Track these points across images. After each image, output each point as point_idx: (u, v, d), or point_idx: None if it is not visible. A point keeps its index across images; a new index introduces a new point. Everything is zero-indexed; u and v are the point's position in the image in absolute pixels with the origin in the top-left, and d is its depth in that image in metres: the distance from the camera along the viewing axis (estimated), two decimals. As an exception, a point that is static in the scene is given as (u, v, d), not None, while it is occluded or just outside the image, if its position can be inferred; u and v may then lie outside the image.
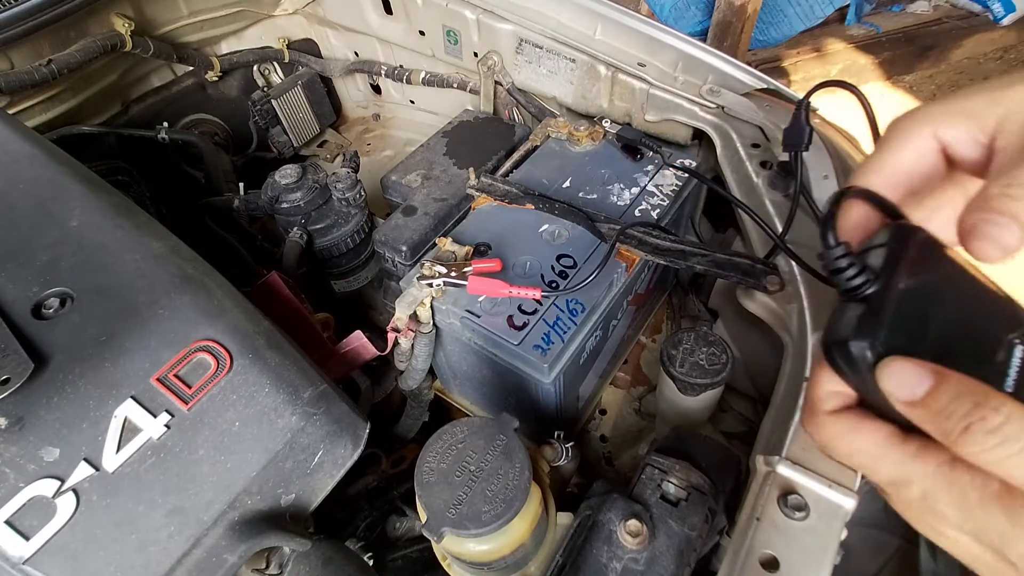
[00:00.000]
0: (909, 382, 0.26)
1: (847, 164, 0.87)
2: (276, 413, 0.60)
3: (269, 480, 0.58)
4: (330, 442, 0.63)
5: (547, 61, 1.19)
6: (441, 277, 0.81)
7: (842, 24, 2.94)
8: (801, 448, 0.61)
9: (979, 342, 0.28)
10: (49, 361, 0.57)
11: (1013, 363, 0.27)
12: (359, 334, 0.85)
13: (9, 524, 0.50)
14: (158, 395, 0.57)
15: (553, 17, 1.17)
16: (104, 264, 0.64)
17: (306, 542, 0.59)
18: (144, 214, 0.74)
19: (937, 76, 2.84)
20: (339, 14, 1.55)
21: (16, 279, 0.62)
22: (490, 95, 1.33)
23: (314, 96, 1.65)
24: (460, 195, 1.06)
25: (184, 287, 0.64)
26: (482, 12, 1.24)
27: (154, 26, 1.35)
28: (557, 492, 0.72)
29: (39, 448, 0.53)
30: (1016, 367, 0.27)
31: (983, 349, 0.27)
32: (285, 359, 0.63)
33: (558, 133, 1.09)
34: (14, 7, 1.09)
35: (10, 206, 0.69)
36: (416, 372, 0.91)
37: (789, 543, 0.55)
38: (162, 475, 0.55)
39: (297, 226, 1.06)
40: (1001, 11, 2.83)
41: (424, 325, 0.86)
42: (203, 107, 1.56)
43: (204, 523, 0.54)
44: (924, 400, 0.26)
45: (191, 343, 0.60)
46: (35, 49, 1.15)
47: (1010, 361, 0.27)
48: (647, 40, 1.07)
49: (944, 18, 2.94)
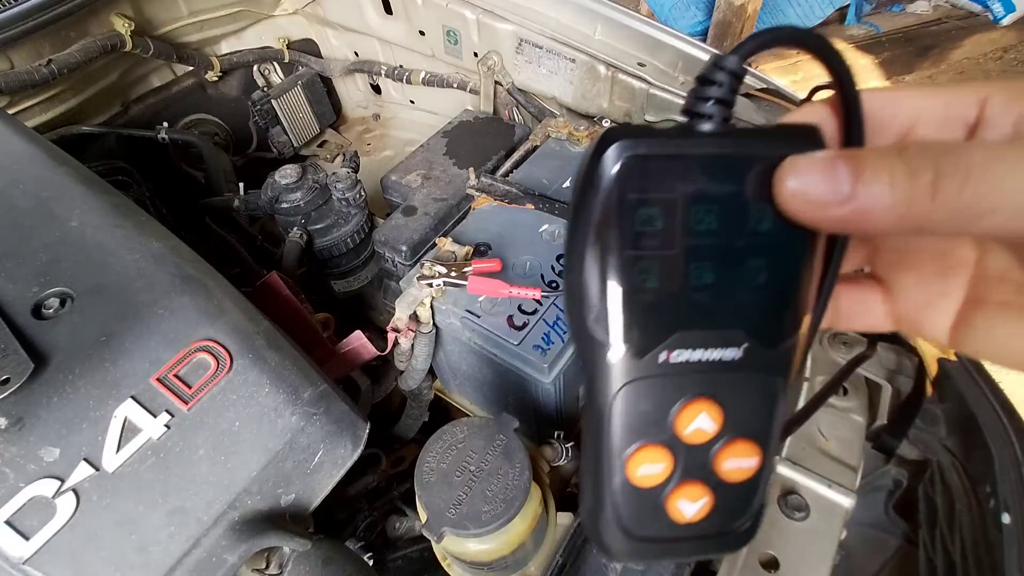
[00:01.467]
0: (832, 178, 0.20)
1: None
2: (276, 413, 0.60)
3: (269, 480, 0.58)
4: (330, 442, 0.63)
5: (547, 61, 1.19)
6: (441, 277, 0.81)
7: (842, 24, 2.94)
8: (801, 448, 0.61)
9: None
10: (49, 361, 0.57)
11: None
12: (359, 334, 0.85)
13: (9, 524, 0.50)
14: (158, 395, 0.57)
15: (553, 17, 1.17)
16: (104, 264, 0.64)
17: (306, 542, 0.59)
18: (144, 214, 0.74)
19: (937, 76, 2.84)
20: (339, 14, 1.55)
21: (16, 279, 0.62)
22: (490, 95, 1.33)
23: (314, 96, 1.65)
24: (460, 195, 1.06)
25: (184, 287, 0.64)
26: (482, 12, 1.24)
27: (154, 26, 1.35)
28: (557, 492, 0.72)
29: (39, 448, 0.53)
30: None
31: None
32: (285, 359, 0.63)
33: (558, 133, 1.09)
34: (14, 7, 1.09)
35: (10, 206, 0.69)
36: (416, 372, 0.91)
37: (789, 543, 0.55)
38: (162, 475, 0.55)
39: (297, 226, 1.06)
40: (1001, 11, 2.83)
41: (424, 325, 0.86)
42: (203, 107, 1.56)
43: (204, 523, 0.54)
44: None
45: (191, 343, 0.60)
46: (35, 49, 1.15)
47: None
48: (647, 40, 1.07)
49: (944, 18, 2.94)
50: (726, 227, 0.22)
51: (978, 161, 0.18)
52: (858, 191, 0.19)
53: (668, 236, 0.22)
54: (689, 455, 0.23)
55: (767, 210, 0.22)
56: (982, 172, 0.18)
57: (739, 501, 0.24)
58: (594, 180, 0.22)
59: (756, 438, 0.24)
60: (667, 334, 0.23)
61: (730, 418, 0.23)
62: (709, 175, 0.22)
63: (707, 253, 0.22)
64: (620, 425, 0.23)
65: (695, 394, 0.23)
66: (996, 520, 0.58)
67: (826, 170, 0.20)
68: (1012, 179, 0.17)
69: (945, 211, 0.18)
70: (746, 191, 0.22)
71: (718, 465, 0.24)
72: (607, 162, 0.21)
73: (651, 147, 0.21)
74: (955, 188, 0.18)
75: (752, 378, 0.23)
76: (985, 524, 0.60)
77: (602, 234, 0.22)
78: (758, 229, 0.22)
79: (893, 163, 0.19)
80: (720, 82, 0.22)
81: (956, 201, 0.18)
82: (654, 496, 0.24)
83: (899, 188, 0.19)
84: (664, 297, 0.22)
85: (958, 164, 0.18)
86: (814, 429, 0.69)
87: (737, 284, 0.22)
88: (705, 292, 0.22)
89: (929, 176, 0.18)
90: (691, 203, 0.22)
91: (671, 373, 0.23)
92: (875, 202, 0.19)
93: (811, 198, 0.20)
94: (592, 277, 0.22)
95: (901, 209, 0.19)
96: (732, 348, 0.23)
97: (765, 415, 0.24)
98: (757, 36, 0.22)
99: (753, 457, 0.24)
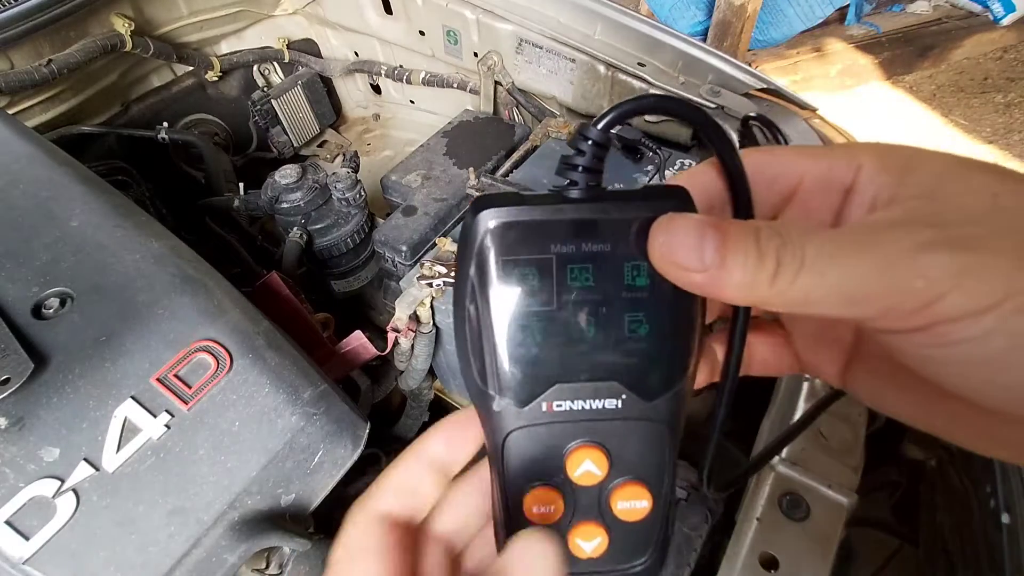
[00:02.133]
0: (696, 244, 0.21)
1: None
2: (276, 413, 0.60)
3: (269, 480, 0.58)
4: (330, 442, 0.63)
5: (547, 61, 1.19)
6: (441, 277, 0.81)
7: (842, 24, 2.94)
8: (801, 448, 0.61)
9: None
10: (49, 361, 0.57)
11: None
12: (359, 334, 0.85)
13: (9, 524, 0.50)
14: (158, 395, 0.57)
15: (553, 17, 1.17)
16: (104, 264, 0.64)
17: (306, 542, 0.59)
18: (144, 214, 0.74)
19: (937, 76, 2.84)
20: (339, 14, 1.55)
21: (16, 279, 0.62)
22: (490, 95, 1.33)
23: (314, 96, 1.65)
24: (460, 195, 1.06)
25: (184, 287, 0.64)
26: (482, 12, 1.24)
27: (154, 26, 1.35)
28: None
29: (39, 448, 0.53)
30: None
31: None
32: (285, 359, 0.63)
33: (558, 133, 1.09)
34: (14, 7, 1.09)
35: (10, 206, 0.69)
36: (416, 372, 0.91)
37: (789, 543, 0.55)
38: (162, 475, 0.55)
39: (297, 226, 1.06)
40: (1001, 11, 2.83)
41: (424, 325, 0.86)
42: (203, 107, 1.56)
43: (204, 523, 0.54)
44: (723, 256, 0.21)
45: (191, 343, 0.60)
46: (35, 49, 1.15)
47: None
48: (647, 40, 1.07)
49: (944, 18, 2.94)
50: (601, 284, 0.23)
51: (810, 255, 0.20)
52: (716, 264, 0.21)
53: (546, 294, 0.23)
54: (581, 496, 0.25)
55: (642, 267, 0.23)
56: (811, 266, 0.20)
57: (635, 541, 0.25)
58: (468, 244, 0.23)
59: (645, 481, 0.25)
60: (545, 386, 0.24)
61: (616, 462, 0.24)
62: (578, 236, 0.23)
63: (581, 309, 0.23)
64: (513, 468, 0.25)
65: (580, 441, 0.24)
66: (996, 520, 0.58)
67: (695, 236, 0.21)
68: (832, 274, 0.19)
69: (781, 298, 0.20)
70: (618, 250, 0.23)
71: (612, 505, 0.25)
72: (477, 229, 0.23)
73: (519, 214, 0.23)
74: (788, 279, 0.20)
75: (634, 426, 0.24)
76: (985, 524, 0.60)
77: (480, 293, 0.23)
78: (634, 284, 0.23)
79: (748, 245, 0.20)
80: (584, 151, 0.24)
81: (789, 291, 0.20)
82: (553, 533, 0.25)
83: (748, 271, 0.20)
84: (543, 350, 0.23)
85: (794, 256, 0.20)
86: (814, 430, 0.69)
87: (612, 338, 0.23)
88: (581, 345, 0.23)
89: (771, 265, 0.20)
90: (564, 263, 0.23)
91: (556, 421, 0.24)
92: (728, 278, 0.20)
93: (676, 259, 0.21)
94: (473, 333, 0.24)
95: (747, 290, 0.20)
96: (611, 399, 0.24)
97: (652, 460, 0.25)
98: (619, 106, 0.24)
99: (643, 500, 0.25)
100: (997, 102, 2.66)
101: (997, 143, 2.47)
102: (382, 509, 0.25)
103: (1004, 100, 2.66)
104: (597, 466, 0.24)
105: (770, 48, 2.85)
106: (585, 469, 0.24)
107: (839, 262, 0.19)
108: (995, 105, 2.64)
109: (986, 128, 2.54)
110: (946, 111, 2.65)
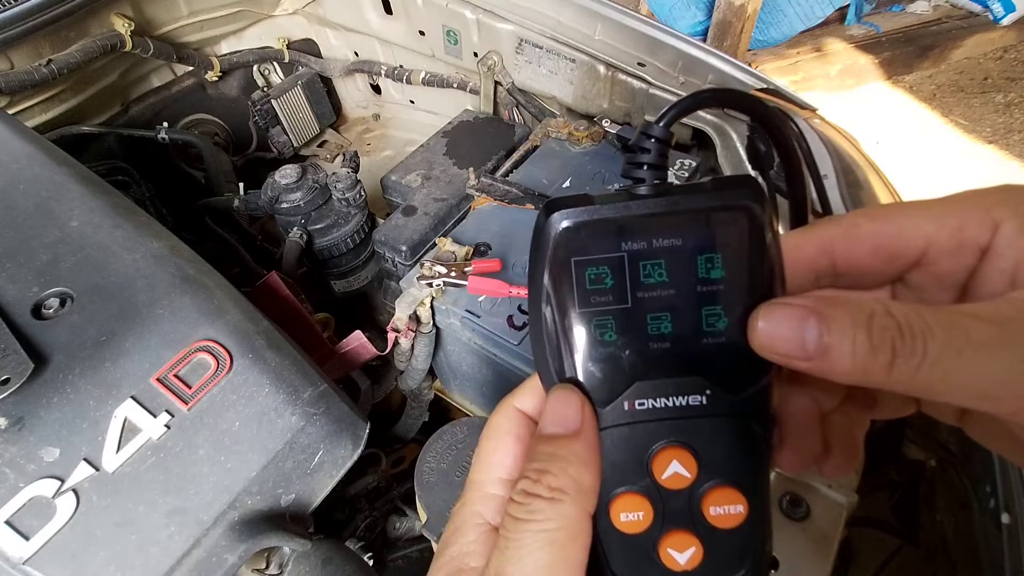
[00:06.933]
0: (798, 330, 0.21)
1: (847, 163, 0.87)
2: (276, 413, 0.60)
3: (269, 480, 0.58)
4: (330, 442, 0.63)
5: (547, 61, 1.19)
6: (441, 277, 0.81)
7: (842, 24, 2.94)
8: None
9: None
10: (49, 361, 0.57)
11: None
12: (359, 334, 0.85)
13: (9, 524, 0.50)
14: (158, 395, 0.57)
15: (553, 17, 1.17)
16: (104, 264, 0.64)
17: (306, 542, 0.59)
18: (144, 214, 0.74)
19: (937, 76, 2.84)
20: (339, 14, 1.55)
21: (16, 279, 0.62)
22: (490, 95, 1.33)
23: (314, 96, 1.65)
24: (460, 195, 1.06)
25: (184, 287, 0.64)
26: (482, 12, 1.24)
27: (154, 26, 1.35)
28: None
29: (39, 448, 0.53)
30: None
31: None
32: (285, 359, 0.63)
33: (558, 133, 1.09)
34: (14, 7, 1.09)
35: (10, 206, 0.69)
36: (416, 372, 0.91)
37: (789, 543, 0.55)
38: (162, 475, 0.55)
39: (297, 226, 1.06)
40: (1001, 11, 2.83)
41: (424, 325, 0.86)
42: (203, 107, 1.56)
43: (204, 523, 0.54)
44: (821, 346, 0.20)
45: (191, 343, 0.60)
46: (35, 49, 1.15)
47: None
48: (647, 40, 1.07)
49: (944, 18, 2.94)
50: (675, 279, 0.23)
51: (934, 350, 0.19)
52: (820, 355, 0.20)
53: (620, 292, 0.23)
54: (671, 502, 0.24)
55: (716, 259, 0.22)
56: (936, 361, 0.19)
57: (732, 550, 0.24)
58: (540, 246, 0.23)
59: (738, 484, 0.23)
60: (626, 385, 0.23)
61: (705, 464, 0.24)
62: (649, 232, 0.23)
63: (659, 304, 0.23)
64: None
65: (665, 441, 0.24)
66: (996, 520, 0.58)
67: (796, 326, 0.21)
68: (960, 373, 0.18)
69: (899, 386, 0.20)
70: (690, 243, 0.23)
71: (705, 511, 0.23)
72: (549, 231, 0.23)
73: (590, 213, 0.23)
74: (908, 372, 0.19)
75: (722, 423, 0.24)
76: (985, 524, 0.60)
77: (555, 296, 0.23)
78: (708, 277, 0.23)
79: (857, 335, 0.20)
80: (649, 148, 0.24)
81: (910, 381, 0.19)
82: (644, 543, 0.24)
83: (859, 359, 0.20)
84: (621, 349, 0.23)
85: (915, 350, 0.19)
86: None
87: (689, 332, 0.23)
88: (661, 342, 0.23)
89: (887, 357, 0.19)
90: (638, 259, 0.23)
91: (638, 420, 0.24)
92: (835, 366, 0.20)
93: (777, 348, 0.21)
94: (549, 334, 0.24)
95: (859, 377, 0.20)
96: (695, 395, 0.23)
97: (743, 460, 0.24)
98: (680, 102, 0.24)
99: (738, 504, 0.23)
100: (997, 102, 2.65)
101: (997, 143, 2.47)
102: (521, 405, 0.27)
103: (1004, 100, 2.66)
104: (685, 468, 0.23)
105: (770, 48, 2.85)
106: (673, 471, 0.23)
107: (969, 359, 0.18)
108: (995, 105, 2.64)
109: (986, 128, 2.54)
110: (946, 111, 2.65)
